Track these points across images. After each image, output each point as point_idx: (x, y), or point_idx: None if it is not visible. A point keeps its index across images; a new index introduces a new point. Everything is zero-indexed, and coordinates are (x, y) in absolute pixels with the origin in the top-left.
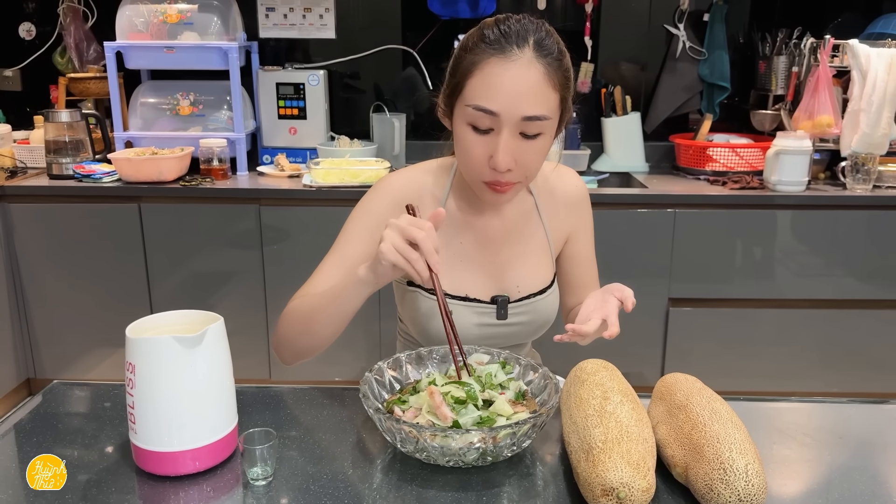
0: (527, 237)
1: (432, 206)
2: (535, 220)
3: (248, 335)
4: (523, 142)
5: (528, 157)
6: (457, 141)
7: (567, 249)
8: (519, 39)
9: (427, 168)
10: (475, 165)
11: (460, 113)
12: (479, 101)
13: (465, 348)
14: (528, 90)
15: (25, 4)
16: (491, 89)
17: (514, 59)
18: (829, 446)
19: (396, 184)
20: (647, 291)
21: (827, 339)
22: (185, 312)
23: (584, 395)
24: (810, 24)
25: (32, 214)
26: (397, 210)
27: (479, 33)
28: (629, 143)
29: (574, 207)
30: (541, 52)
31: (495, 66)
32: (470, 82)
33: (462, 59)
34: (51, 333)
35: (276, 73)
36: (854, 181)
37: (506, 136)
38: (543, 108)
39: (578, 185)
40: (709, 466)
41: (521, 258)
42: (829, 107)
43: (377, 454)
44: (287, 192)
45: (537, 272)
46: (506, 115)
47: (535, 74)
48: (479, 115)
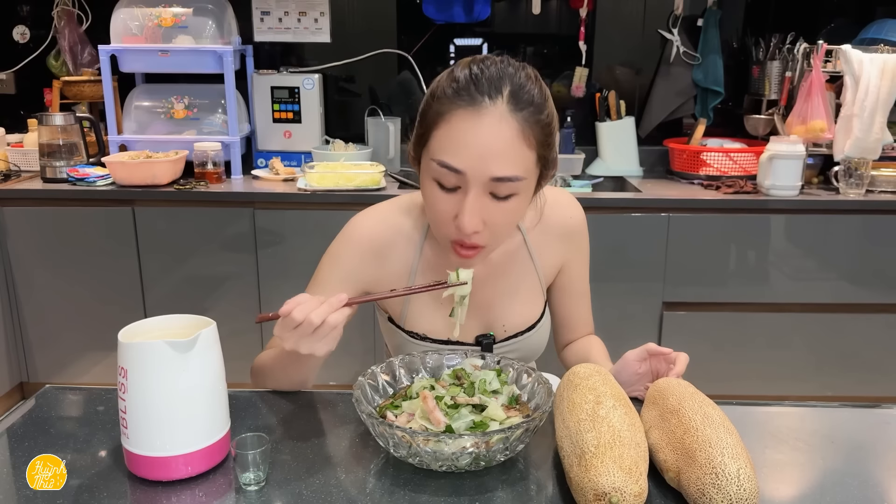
0: (514, 276)
1: (408, 248)
2: (524, 256)
3: (242, 339)
4: (493, 202)
5: (498, 219)
6: (423, 196)
7: (559, 280)
8: (491, 89)
9: (405, 206)
10: (440, 223)
11: (426, 165)
12: (443, 156)
13: (462, 349)
14: (499, 149)
15: (20, 7)
16: (457, 145)
17: (485, 112)
18: (822, 450)
19: (367, 231)
20: (642, 295)
21: (820, 342)
22: (178, 317)
23: (576, 399)
24: (803, 30)
25: (26, 218)
26: (368, 260)
27: (449, 77)
28: (623, 148)
29: (568, 238)
30: (516, 104)
31: (463, 120)
32: (435, 134)
33: (430, 107)
34: (44, 337)
35: (270, 77)
36: (847, 186)
37: (473, 196)
38: (516, 168)
39: (574, 216)
40: (701, 471)
41: (506, 297)
42: (823, 112)
43: (370, 459)
44: (281, 196)
45: (524, 310)
46: (472, 174)
47: (507, 131)
48: (444, 171)
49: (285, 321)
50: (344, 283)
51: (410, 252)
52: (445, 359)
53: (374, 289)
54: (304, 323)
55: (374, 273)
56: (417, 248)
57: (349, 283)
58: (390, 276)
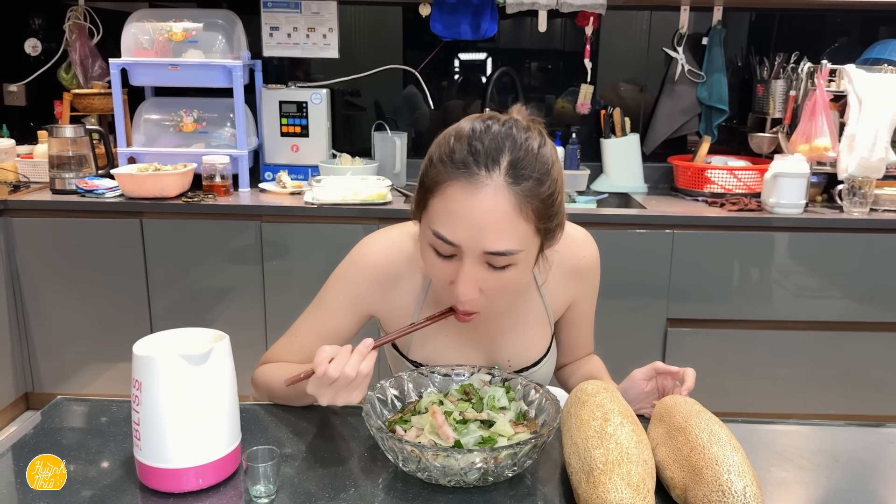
0: (521, 311)
1: (416, 276)
2: (532, 293)
3: (248, 351)
4: (490, 272)
5: (496, 288)
6: (422, 257)
7: (567, 313)
8: (489, 160)
9: (416, 232)
10: (438, 286)
11: (424, 231)
12: (438, 227)
13: (469, 367)
14: (494, 223)
15: (31, 20)
16: (451, 218)
17: (480, 185)
18: (826, 469)
19: (377, 256)
20: (646, 312)
21: (824, 360)
22: (191, 330)
23: (584, 416)
24: (807, 49)
25: (35, 229)
26: (376, 286)
27: (448, 143)
28: (628, 164)
29: (581, 276)
30: (514, 178)
31: (458, 192)
32: (432, 202)
33: (427, 173)
34: (50, 347)
35: (279, 92)
36: (851, 204)
37: (468, 266)
38: (511, 242)
39: (588, 255)
40: (707, 488)
41: (513, 332)
42: (827, 130)
43: (379, 473)
44: (288, 209)
45: (531, 344)
46: (467, 247)
47: (502, 205)
48: (440, 241)
49: (321, 379)
50: (349, 308)
51: (419, 282)
52: (453, 374)
53: (378, 315)
54: (340, 378)
55: (380, 300)
56: (425, 278)
57: (354, 308)
58: (396, 304)
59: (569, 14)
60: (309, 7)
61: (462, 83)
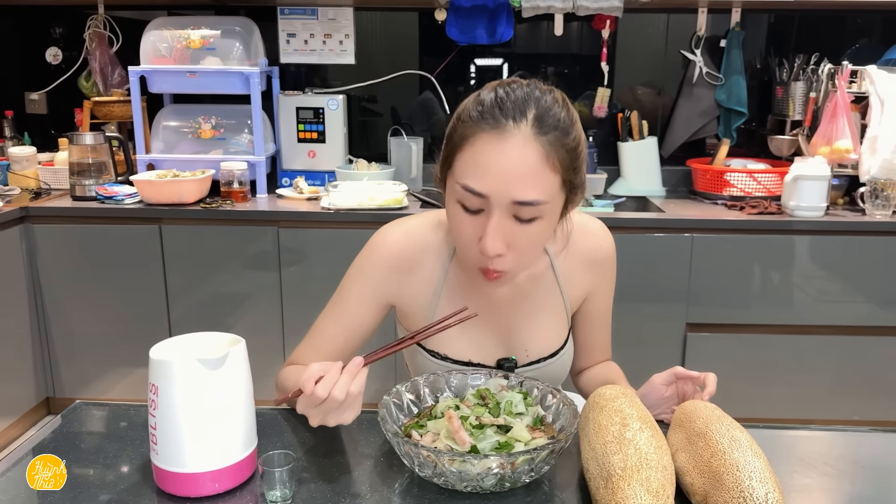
0: (539, 300)
1: (435, 265)
2: (550, 281)
3: (265, 356)
4: (517, 225)
5: (523, 243)
6: (448, 218)
7: (584, 307)
8: (516, 112)
9: (434, 222)
10: (465, 246)
11: (451, 188)
12: (467, 180)
13: (484, 371)
14: (522, 173)
15: (52, 30)
16: (480, 169)
17: (508, 135)
18: (850, 476)
19: (394, 244)
20: (665, 316)
21: (847, 365)
22: (208, 334)
23: (602, 421)
24: (827, 51)
25: (55, 235)
26: (394, 274)
27: (476, 101)
28: (646, 168)
29: (598, 267)
30: (541, 128)
31: (486, 144)
32: (460, 157)
33: (455, 129)
34: (70, 352)
35: (296, 98)
36: (873, 207)
37: (496, 218)
38: (539, 192)
39: (604, 245)
40: (728, 495)
41: (531, 321)
42: (848, 132)
43: (395, 478)
44: (305, 215)
45: (548, 335)
46: (495, 197)
47: (531, 155)
48: (468, 194)
49: (309, 399)
50: (369, 298)
51: (437, 270)
52: (470, 378)
53: (397, 304)
54: (328, 400)
55: (399, 288)
56: (444, 267)
57: (374, 298)
58: (415, 292)
59: (585, 17)
60: (325, 14)
61: (478, 88)
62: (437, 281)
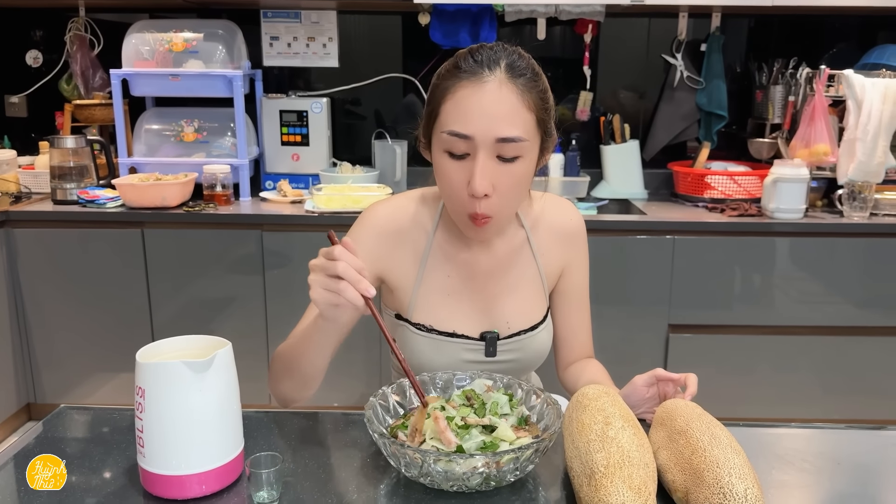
0: (518, 272)
1: (420, 237)
2: (527, 254)
3: (250, 360)
4: (501, 165)
5: (506, 182)
6: (436, 171)
7: (560, 285)
8: (490, 62)
9: (416, 197)
10: (454, 193)
11: (437, 141)
12: (452, 126)
13: (468, 373)
14: (502, 111)
15: (33, 32)
16: (464, 113)
17: (486, 81)
18: (828, 472)
19: (383, 215)
20: (647, 318)
21: (826, 365)
22: (194, 337)
23: (586, 420)
24: (806, 55)
25: (36, 239)
26: (383, 243)
27: (452, 62)
28: (628, 171)
29: (569, 241)
30: (513, 73)
31: (467, 91)
32: (444, 108)
33: (437, 88)
34: (52, 358)
35: (279, 101)
36: (851, 209)
37: (482, 159)
38: (518, 129)
39: (574, 219)
40: (709, 491)
41: (511, 294)
42: (826, 135)
43: (381, 479)
44: (289, 218)
45: (528, 308)
46: (480, 137)
47: (507, 95)
48: (454, 139)
49: (324, 254)
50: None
51: (423, 238)
52: (455, 379)
53: (386, 276)
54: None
55: (389, 257)
56: (430, 235)
57: (366, 268)
58: (403, 260)
59: (567, 21)
60: (309, 17)
61: None
62: (423, 251)
